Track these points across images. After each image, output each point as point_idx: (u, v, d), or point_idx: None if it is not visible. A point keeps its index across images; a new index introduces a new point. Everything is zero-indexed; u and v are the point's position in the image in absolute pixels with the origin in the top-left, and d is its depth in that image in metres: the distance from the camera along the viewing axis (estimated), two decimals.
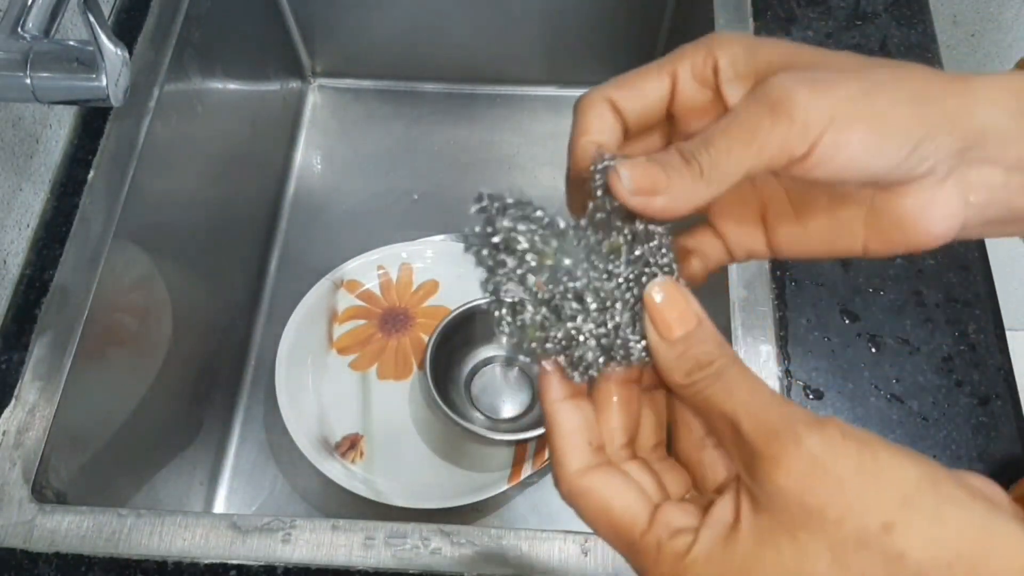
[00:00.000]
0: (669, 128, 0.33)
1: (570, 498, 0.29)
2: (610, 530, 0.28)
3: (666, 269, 0.29)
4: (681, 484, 0.31)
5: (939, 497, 0.24)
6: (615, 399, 0.30)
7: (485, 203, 0.30)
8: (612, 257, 0.29)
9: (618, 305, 0.29)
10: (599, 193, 0.29)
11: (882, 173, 0.27)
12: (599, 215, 0.29)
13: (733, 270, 0.61)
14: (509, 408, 0.80)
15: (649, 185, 0.28)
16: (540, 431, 0.73)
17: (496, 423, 0.79)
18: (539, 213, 0.30)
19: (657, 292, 0.28)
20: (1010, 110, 0.27)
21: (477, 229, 0.30)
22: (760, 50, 0.29)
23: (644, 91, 0.32)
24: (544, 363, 0.30)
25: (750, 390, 0.26)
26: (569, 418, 0.29)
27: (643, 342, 0.29)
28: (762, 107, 0.27)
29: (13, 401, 0.57)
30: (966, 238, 0.31)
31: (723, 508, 0.26)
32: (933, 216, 0.29)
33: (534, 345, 0.29)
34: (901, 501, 0.24)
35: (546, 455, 0.76)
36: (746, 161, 0.27)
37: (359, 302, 0.85)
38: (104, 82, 0.48)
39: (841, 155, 0.26)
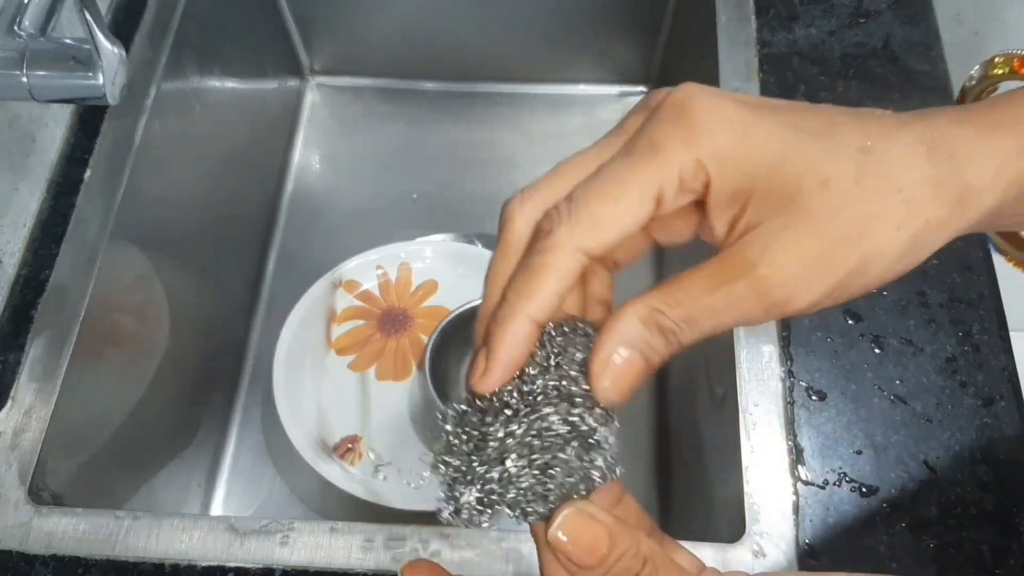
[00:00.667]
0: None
1: None
2: None
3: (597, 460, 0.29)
4: None
5: None
6: None
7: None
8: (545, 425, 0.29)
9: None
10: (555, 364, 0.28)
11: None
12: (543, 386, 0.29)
13: None
14: None
15: (630, 389, 0.28)
16: None
17: None
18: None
19: (560, 532, 0.27)
20: (999, 191, 0.27)
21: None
22: (748, 155, 0.27)
23: (623, 224, 0.27)
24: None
25: None
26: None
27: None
28: (748, 290, 0.26)
29: (9, 402, 0.57)
30: None
31: None
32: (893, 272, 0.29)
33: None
34: None
35: None
36: (727, 324, 0.27)
37: (358, 302, 0.85)
38: (101, 80, 0.47)
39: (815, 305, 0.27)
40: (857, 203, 0.26)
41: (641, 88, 1.01)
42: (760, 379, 0.57)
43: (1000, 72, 0.34)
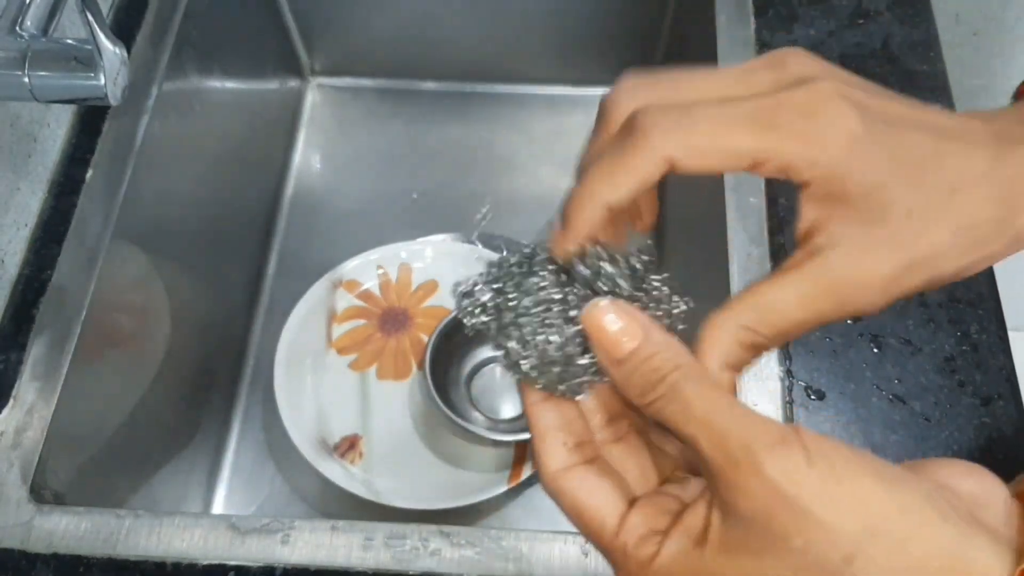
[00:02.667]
0: None
1: (550, 496, 0.30)
2: (583, 530, 0.29)
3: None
4: (669, 463, 0.31)
5: (906, 525, 0.24)
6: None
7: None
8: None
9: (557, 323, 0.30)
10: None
11: None
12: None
13: (735, 271, 0.60)
14: (509, 408, 0.80)
15: None
16: None
17: (496, 423, 0.78)
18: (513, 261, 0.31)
19: (593, 312, 0.28)
20: None
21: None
22: (853, 175, 0.28)
23: (717, 164, 0.28)
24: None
25: (706, 408, 0.26)
26: (546, 419, 0.30)
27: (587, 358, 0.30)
28: (835, 308, 0.28)
29: (11, 401, 0.57)
30: None
31: (694, 516, 0.27)
32: None
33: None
34: (863, 531, 0.23)
35: None
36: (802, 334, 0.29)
37: (358, 302, 0.85)
38: (102, 81, 0.47)
39: None
40: (936, 234, 0.28)
41: None
42: (759, 378, 0.57)
43: None
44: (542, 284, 0.30)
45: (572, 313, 0.29)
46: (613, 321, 0.28)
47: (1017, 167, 0.29)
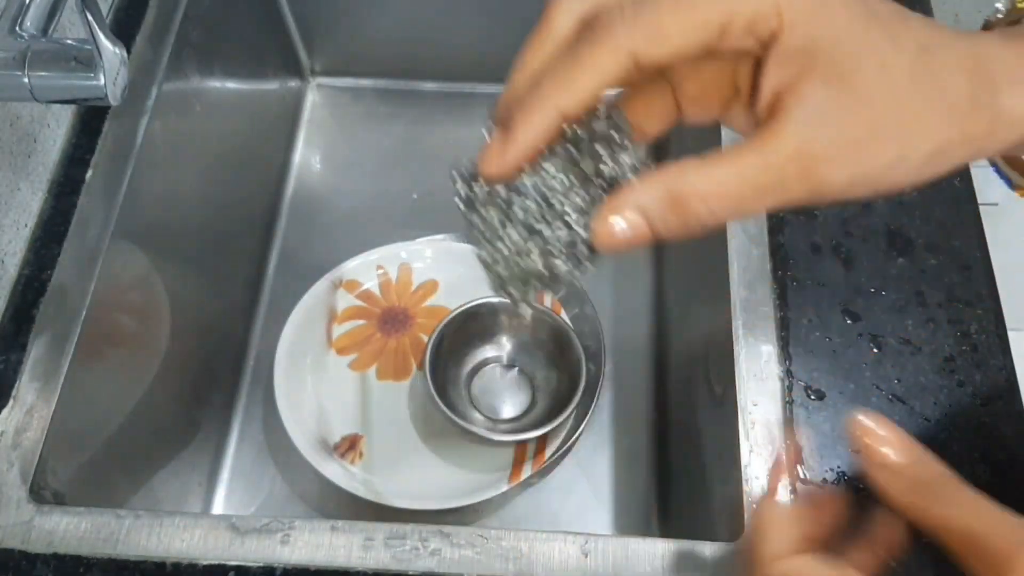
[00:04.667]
0: None
1: None
2: None
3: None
4: None
5: None
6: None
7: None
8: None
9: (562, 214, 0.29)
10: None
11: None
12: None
13: (734, 272, 0.60)
14: (509, 409, 0.80)
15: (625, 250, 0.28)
16: (540, 431, 0.72)
17: (496, 424, 0.78)
18: None
19: (869, 422, 0.31)
20: None
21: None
22: (822, 18, 0.26)
23: (684, 41, 0.26)
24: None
25: (974, 505, 0.29)
26: (776, 510, 0.33)
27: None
28: (797, 169, 0.26)
29: (11, 401, 0.57)
30: None
31: None
32: None
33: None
34: None
35: (546, 455, 0.75)
36: (765, 207, 0.27)
37: (358, 302, 0.85)
38: (102, 81, 0.47)
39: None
40: (907, 97, 0.26)
41: None
42: (759, 378, 0.57)
43: None
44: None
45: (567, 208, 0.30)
46: (892, 428, 0.31)
47: (989, 47, 0.28)
